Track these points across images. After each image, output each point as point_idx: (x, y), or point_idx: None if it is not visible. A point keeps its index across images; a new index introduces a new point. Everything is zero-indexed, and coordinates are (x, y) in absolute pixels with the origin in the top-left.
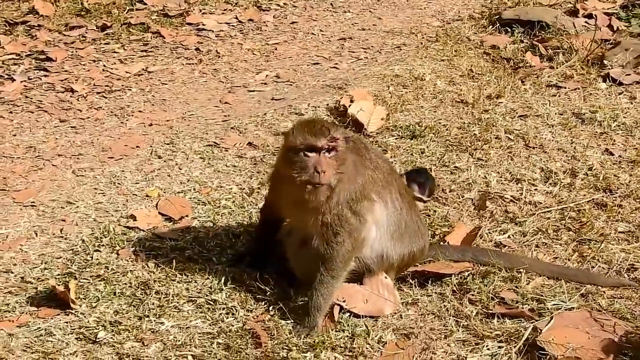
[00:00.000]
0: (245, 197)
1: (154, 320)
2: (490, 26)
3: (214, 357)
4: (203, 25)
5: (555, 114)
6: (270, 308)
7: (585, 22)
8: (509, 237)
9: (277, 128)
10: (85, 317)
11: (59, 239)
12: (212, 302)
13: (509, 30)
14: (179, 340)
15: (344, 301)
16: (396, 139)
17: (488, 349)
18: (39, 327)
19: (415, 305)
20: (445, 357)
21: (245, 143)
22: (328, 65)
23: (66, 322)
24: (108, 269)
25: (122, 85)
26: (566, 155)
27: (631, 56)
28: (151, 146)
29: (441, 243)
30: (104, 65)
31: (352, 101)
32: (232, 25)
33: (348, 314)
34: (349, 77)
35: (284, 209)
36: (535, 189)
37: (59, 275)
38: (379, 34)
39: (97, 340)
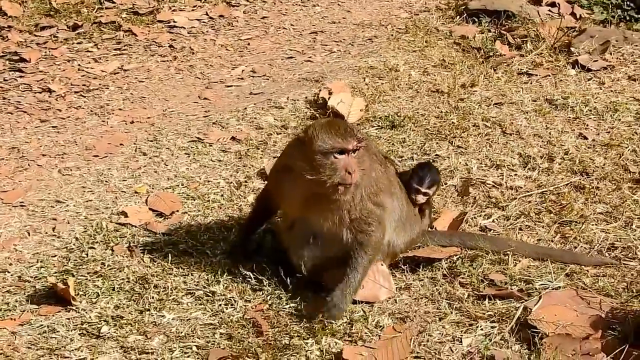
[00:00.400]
0: (234, 191)
1: (155, 314)
2: (458, 17)
3: (217, 347)
4: (174, 22)
5: (529, 100)
6: (268, 298)
7: (549, 10)
8: (493, 221)
9: (259, 122)
10: (86, 312)
11: (52, 237)
12: (210, 294)
13: (476, 20)
14: (182, 332)
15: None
16: (376, 129)
17: (481, 330)
18: (42, 325)
19: (408, 290)
20: (441, 339)
21: (228, 138)
22: (302, 58)
23: (68, 319)
24: (104, 265)
25: (100, 84)
26: (542, 141)
27: (597, 43)
28: (135, 143)
29: (429, 229)
30: (79, 65)
31: (330, 94)
32: (203, 22)
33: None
34: (324, 70)
35: (290, 205)
36: (515, 174)
37: (56, 273)
38: (349, 27)
39: (101, 334)
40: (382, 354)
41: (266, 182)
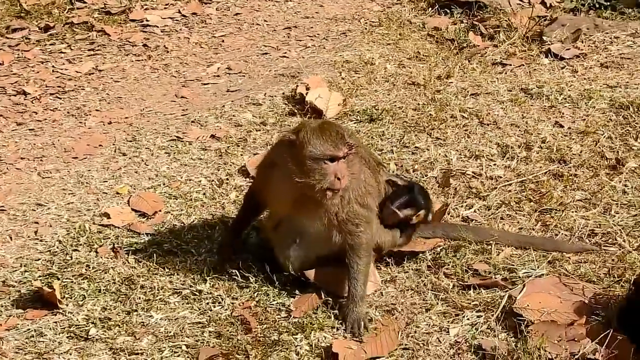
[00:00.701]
0: (216, 189)
1: (143, 314)
2: (430, 8)
3: (207, 345)
4: (147, 21)
5: (504, 90)
6: (256, 295)
7: (520, 0)
8: (474, 211)
9: (238, 119)
10: (73, 315)
11: (34, 241)
12: (197, 293)
13: (448, 11)
14: (170, 332)
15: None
16: (355, 123)
17: (468, 319)
18: (29, 329)
19: (394, 282)
20: (428, 330)
21: (208, 136)
22: (277, 54)
23: (55, 322)
24: (89, 268)
25: (75, 85)
26: (519, 130)
27: (569, 31)
28: (114, 144)
29: None
30: (53, 66)
31: (308, 89)
32: (177, 20)
33: (332, 295)
34: (300, 66)
35: (277, 203)
36: (494, 164)
37: (40, 277)
38: (322, 21)
39: (89, 337)
40: (371, 346)
41: (252, 179)
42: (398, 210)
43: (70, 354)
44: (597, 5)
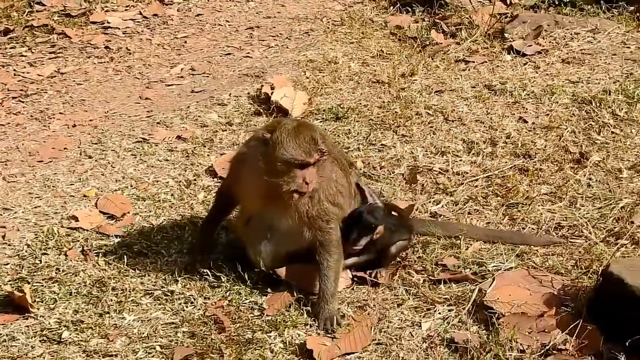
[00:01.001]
0: (184, 190)
1: (115, 316)
2: (391, 7)
3: (181, 345)
4: (108, 23)
5: (468, 87)
6: (228, 294)
7: None
8: (442, 207)
9: (203, 120)
10: (45, 319)
11: (2, 245)
12: (169, 294)
13: (410, 9)
14: (144, 333)
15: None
16: (321, 121)
17: (439, 313)
18: (1, 334)
19: (364, 278)
20: (401, 324)
21: (174, 137)
22: (240, 54)
23: (27, 326)
24: (59, 271)
25: (37, 89)
26: (484, 126)
27: (529, 28)
28: (79, 147)
29: None
30: (15, 70)
31: (273, 88)
32: (138, 22)
33: (304, 292)
34: (264, 65)
35: (248, 198)
36: (460, 160)
37: (10, 281)
38: (285, 21)
39: (62, 340)
40: (345, 342)
41: (221, 178)
42: (356, 245)
43: (44, 358)
44: (557, 2)
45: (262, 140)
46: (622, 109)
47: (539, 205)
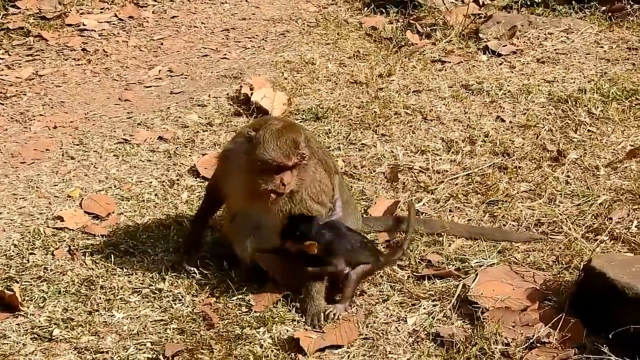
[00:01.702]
0: (167, 190)
1: (105, 314)
2: (365, 8)
3: (171, 342)
4: (84, 25)
5: (445, 87)
6: (215, 291)
7: None
8: (424, 204)
9: (184, 121)
10: (35, 317)
11: None
12: (157, 291)
13: (384, 10)
14: (134, 330)
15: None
16: (301, 122)
17: (424, 308)
18: None
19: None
20: (387, 320)
21: (155, 137)
22: (217, 56)
23: (18, 324)
24: (47, 270)
25: (17, 91)
26: (462, 125)
27: (504, 28)
28: (61, 148)
29: (364, 215)
30: None
31: (252, 89)
32: (114, 24)
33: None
34: (242, 67)
35: (234, 194)
36: (440, 159)
37: None
38: (260, 23)
39: (53, 337)
40: (332, 337)
41: (206, 177)
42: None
43: (36, 355)
44: (530, 3)
45: (246, 137)
46: (597, 107)
47: (518, 203)
